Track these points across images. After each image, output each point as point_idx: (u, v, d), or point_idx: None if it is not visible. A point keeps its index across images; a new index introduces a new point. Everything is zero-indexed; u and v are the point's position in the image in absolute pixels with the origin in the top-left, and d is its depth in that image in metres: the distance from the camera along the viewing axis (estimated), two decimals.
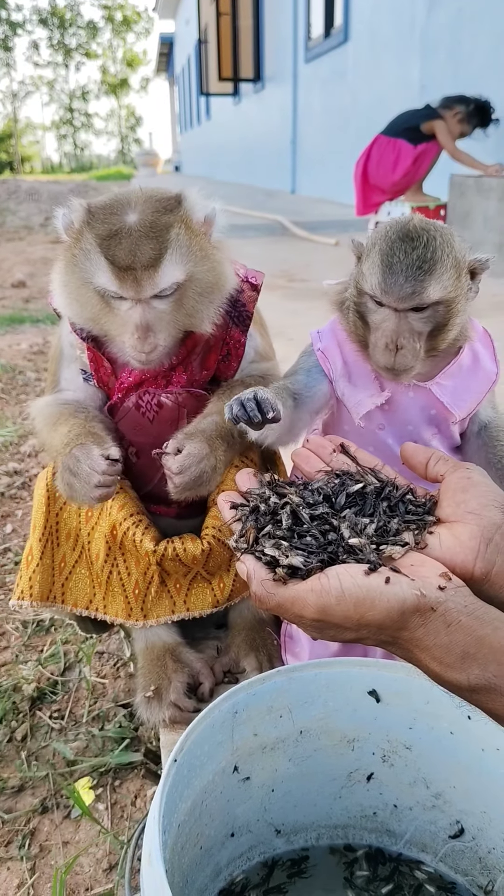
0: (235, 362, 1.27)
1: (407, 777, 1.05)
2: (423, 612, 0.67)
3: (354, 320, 1.14)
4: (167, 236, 1.08)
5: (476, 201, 5.39)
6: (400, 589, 0.68)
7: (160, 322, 1.10)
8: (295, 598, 0.70)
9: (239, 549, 0.78)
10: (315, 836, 1.10)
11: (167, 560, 1.22)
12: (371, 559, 0.73)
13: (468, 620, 0.67)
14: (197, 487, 1.17)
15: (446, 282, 1.05)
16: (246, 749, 0.99)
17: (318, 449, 0.93)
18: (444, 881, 1.04)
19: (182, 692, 1.27)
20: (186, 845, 0.92)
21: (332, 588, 0.69)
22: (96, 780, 1.38)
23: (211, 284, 1.13)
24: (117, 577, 1.25)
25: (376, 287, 1.06)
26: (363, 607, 0.68)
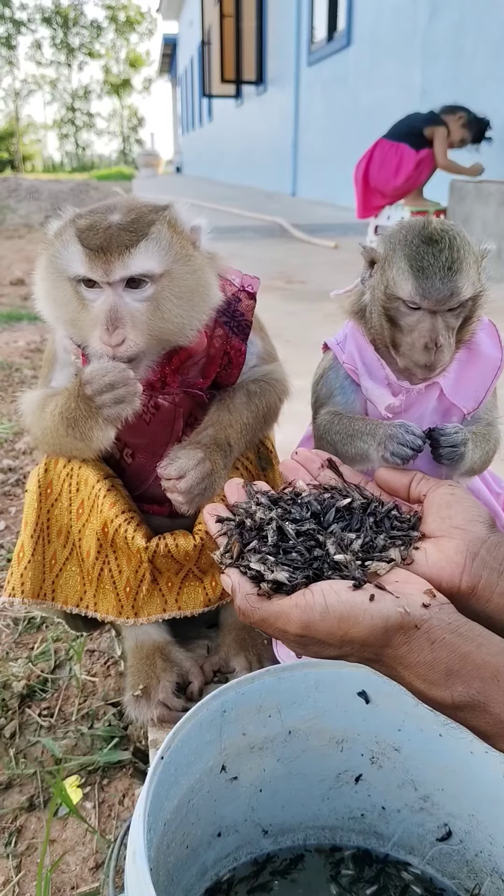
0: (236, 370, 1.27)
1: (395, 779, 1.04)
2: (407, 630, 0.68)
3: (381, 324, 1.14)
4: (147, 229, 1.08)
5: (475, 207, 5.40)
6: (384, 606, 0.69)
7: (132, 317, 1.08)
8: (279, 613, 0.71)
9: (223, 563, 0.78)
10: (302, 836, 1.10)
11: (159, 557, 1.22)
12: (356, 576, 0.74)
13: (452, 638, 0.67)
14: (202, 493, 1.17)
15: (473, 277, 1.08)
16: (234, 748, 0.98)
17: (306, 462, 0.94)
18: (432, 883, 1.03)
19: (171, 691, 1.27)
20: (172, 844, 0.91)
21: (317, 604, 0.69)
22: (84, 779, 1.37)
23: (191, 289, 1.11)
24: (108, 575, 1.25)
25: (413, 292, 1.07)
26: (347, 624, 0.68)
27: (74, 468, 1.26)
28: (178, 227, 1.12)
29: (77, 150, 50.78)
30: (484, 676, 0.65)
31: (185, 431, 1.26)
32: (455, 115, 5.55)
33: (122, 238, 1.06)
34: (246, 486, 0.89)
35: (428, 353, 1.08)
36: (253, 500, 0.85)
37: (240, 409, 1.24)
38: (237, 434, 1.22)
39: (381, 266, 1.12)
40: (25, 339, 4.46)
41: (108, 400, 1.12)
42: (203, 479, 1.15)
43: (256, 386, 1.28)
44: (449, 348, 1.09)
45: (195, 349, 1.18)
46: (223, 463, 1.19)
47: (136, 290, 1.08)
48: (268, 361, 1.32)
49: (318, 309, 4.29)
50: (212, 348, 1.22)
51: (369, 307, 1.16)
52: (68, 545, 1.28)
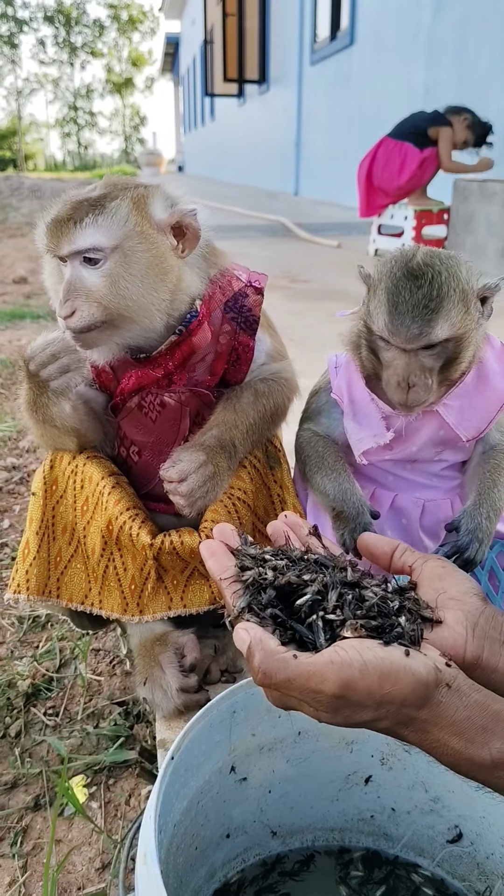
0: (245, 366, 1.26)
1: (405, 780, 1.03)
2: (441, 688, 0.66)
3: (367, 355, 1.13)
4: (105, 204, 1.08)
5: (479, 206, 5.39)
6: (420, 662, 0.66)
7: (87, 292, 1.07)
8: (311, 673, 0.63)
9: (239, 614, 0.72)
10: (311, 838, 1.09)
11: (164, 554, 1.21)
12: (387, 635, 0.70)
13: (479, 697, 0.66)
14: (204, 496, 1.16)
15: (454, 318, 1.03)
16: (243, 749, 0.97)
17: (294, 527, 0.91)
18: (444, 885, 1.02)
19: (174, 666, 1.24)
20: (182, 846, 0.91)
21: (354, 660, 0.64)
22: (90, 779, 1.36)
23: (146, 267, 1.09)
24: (113, 572, 1.24)
25: (383, 328, 1.05)
26: (389, 681, 0.64)
27: (79, 465, 1.25)
28: (142, 206, 1.10)
29: (79, 148, 50.78)
30: None
31: (191, 430, 1.25)
32: (460, 117, 5.54)
33: (77, 213, 1.07)
34: (241, 535, 0.84)
35: (401, 391, 1.06)
36: (259, 550, 0.80)
37: (246, 410, 1.23)
38: (242, 435, 1.21)
39: (368, 294, 1.11)
40: (28, 337, 4.45)
41: (53, 372, 1.15)
42: (205, 482, 1.14)
43: (265, 385, 1.27)
44: (425, 388, 1.06)
45: (199, 343, 1.17)
46: (227, 465, 1.18)
47: (92, 264, 1.08)
48: (277, 359, 1.31)
49: (322, 308, 4.28)
50: (219, 344, 1.21)
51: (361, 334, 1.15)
52: (73, 542, 1.27)
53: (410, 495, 1.23)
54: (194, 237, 1.13)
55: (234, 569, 0.77)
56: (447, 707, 0.65)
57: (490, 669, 0.73)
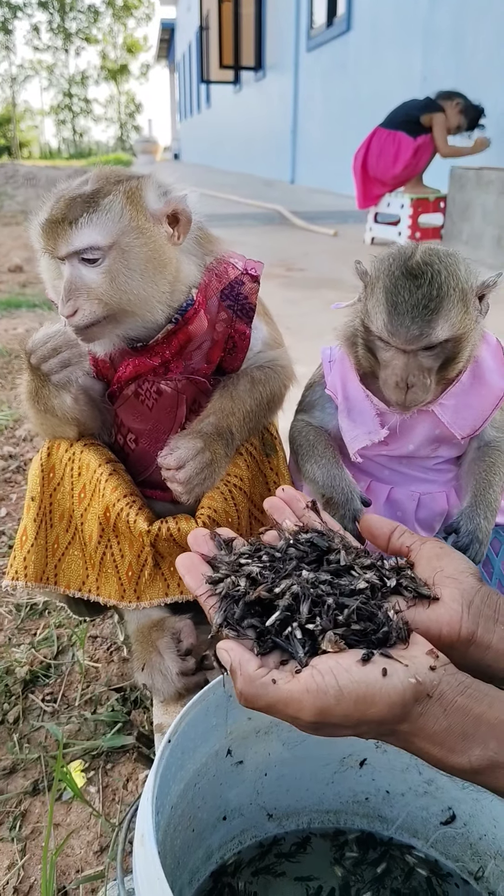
0: (241, 354, 1.26)
1: (399, 763, 1.05)
2: (421, 701, 0.66)
3: (364, 354, 1.13)
4: (99, 201, 1.08)
5: (475, 194, 5.38)
6: (398, 679, 0.66)
7: (88, 290, 1.08)
8: (289, 700, 0.65)
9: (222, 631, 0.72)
10: (307, 820, 1.10)
11: (161, 540, 1.21)
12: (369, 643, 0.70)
13: (463, 700, 0.66)
14: (202, 483, 1.17)
15: (454, 318, 1.03)
16: (240, 732, 0.99)
17: (291, 501, 0.92)
18: (437, 865, 1.04)
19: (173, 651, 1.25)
20: (179, 827, 0.92)
21: (329, 687, 0.64)
22: (88, 764, 1.38)
23: (145, 261, 1.09)
24: (111, 559, 1.25)
25: (382, 329, 1.04)
26: (364, 705, 0.64)
27: (76, 452, 1.25)
28: (136, 200, 1.10)
29: (74, 136, 50.44)
30: (499, 736, 0.64)
31: (188, 418, 1.26)
32: (452, 102, 5.52)
33: (72, 212, 1.07)
34: (215, 538, 0.84)
35: (399, 391, 1.06)
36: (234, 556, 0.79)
37: (243, 397, 1.23)
38: (239, 422, 1.22)
39: (365, 292, 1.11)
40: (25, 326, 4.44)
41: (54, 365, 1.15)
42: (202, 469, 1.15)
43: (261, 372, 1.27)
44: (424, 388, 1.06)
45: (195, 332, 1.17)
46: (224, 452, 1.19)
47: (91, 262, 1.08)
48: (273, 347, 1.31)
49: (319, 296, 4.28)
50: (215, 332, 1.21)
51: (357, 332, 1.15)
52: (70, 529, 1.27)
53: (406, 489, 1.24)
54: (188, 222, 1.14)
55: (208, 584, 0.76)
56: (427, 719, 0.66)
57: (484, 646, 0.75)
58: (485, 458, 1.19)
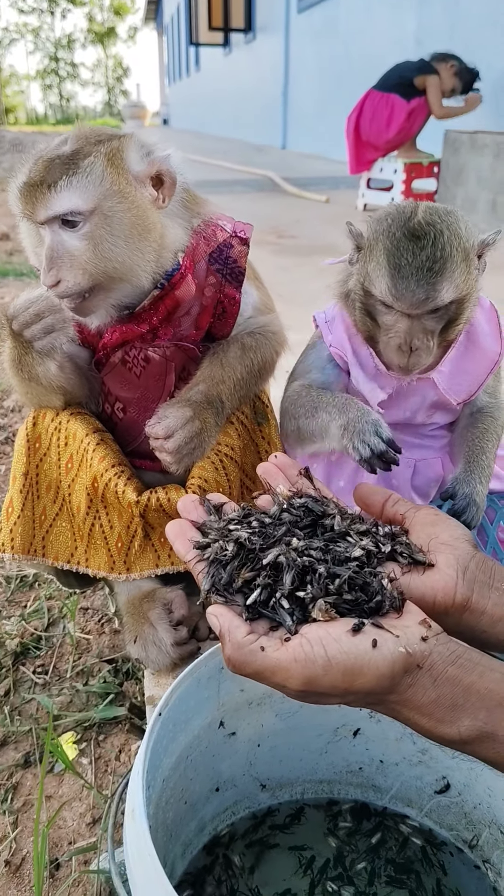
0: (231, 320, 1.23)
1: (393, 733, 1.04)
2: (411, 671, 0.65)
3: (362, 318, 1.09)
4: (79, 163, 1.03)
5: (470, 158, 5.30)
6: (388, 651, 0.65)
7: (70, 257, 1.04)
8: (276, 668, 0.64)
9: (210, 597, 0.70)
10: (300, 790, 1.09)
11: (150, 511, 1.19)
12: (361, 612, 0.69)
13: (453, 671, 0.65)
14: (191, 452, 1.14)
15: (458, 279, 1.00)
16: (232, 704, 0.97)
17: (285, 467, 0.90)
18: (432, 834, 1.04)
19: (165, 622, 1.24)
20: (171, 800, 0.91)
21: (318, 657, 0.64)
22: (80, 735, 1.37)
23: (129, 226, 1.05)
24: (99, 530, 1.22)
25: (386, 293, 1.00)
26: (352, 676, 0.64)
27: (63, 422, 1.22)
28: (118, 161, 1.05)
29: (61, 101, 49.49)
30: (489, 706, 0.64)
31: (177, 386, 1.22)
32: (447, 64, 5.41)
33: (51, 175, 1.02)
34: (204, 503, 0.82)
35: (402, 355, 1.03)
36: (223, 522, 0.77)
37: (233, 364, 1.20)
38: (230, 390, 1.19)
39: (363, 255, 1.06)
40: (11, 295, 4.37)
41: (37, 332, 1.12)
42: (191, 438, 1.12)
43: (252, 339, 1.24)
44: (427, 351, 1.03)
45: (183, 297, 1.13)
46: (214, 421, 1.16)
47: (72, 228, 1.03)
48: (264, 312, 1.28)
49: (310, 263, 4.22)
50: (204, 297, 1.17)
51: (352, 294, 1.11)
52: (58, 500, 1.25)
53: (401, 456, 1.22)
54: (172, 184, 1.09)
55: (196, 549, 0.75)
56: (416, 690, 0.65)
57: (479, 612, 0.74)
58: (477, 425, 1.17)
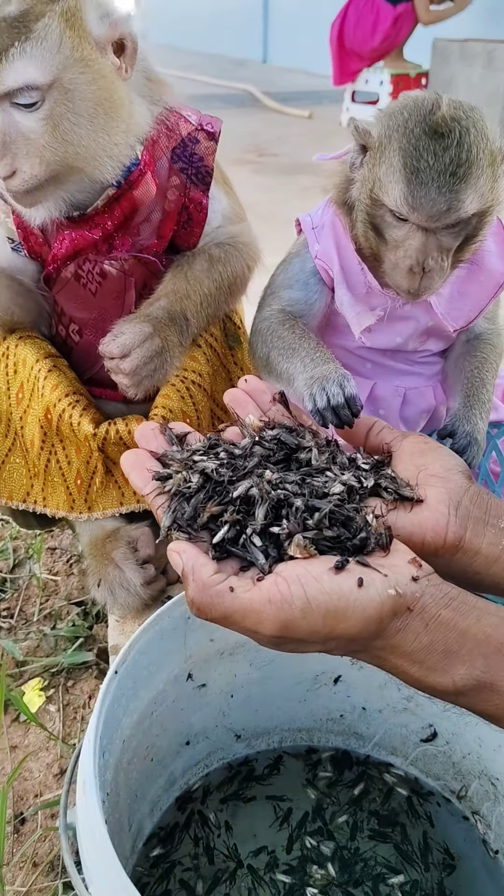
0: (197, 228, 1.09)
1: (377, 679, 0.96)
2: (400, 615, 0.57)
3: (365, 232, 0.93)
4: (30, 25, 0.86)
5: (459, 69, 5.01)
6: (375, 591, 0.56)
7: (26, 141, 0.88)
8: (248, 610, 0.55)
9: (171, 533, 0.61)
10: (278, 739, 1.03)
11: (110, 444, 1.08)
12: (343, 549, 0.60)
13: (447, 614, 0.57)
14: (152, 375, 1.02)
15: (483, 188, 0.84)
16: (201, 655, 0.89)
17: (255, 393, 0.78)
18: (418, 783, 0.97)
19: (131, 561, 1.14)
20: (134, 760, 0.83)
21: (295, 597, 0.55)
22: (48, 681, 1.29)
23: (94, 102, 0.90)
24: (56, 466, 1.11)
25: (401, 202, 0.84)
26: (335, 619, 0.55)
27: (10, 348, 1.09)
28: (76, 23, 0.89)
29: None
30: (487, 652, 0.56)
31: (137, 305, 1.09)
32: None
33: (2, 41, 0.85)
34: (166, 432, 0.71)
35: (413, 277, 0.87)
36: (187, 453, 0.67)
37: (200, 278, 1.07)
38: (196, 307, 1.06)
39: (372, 156, 0.90)
40: None
41: None
42: (151, 358, 0.99)
43: (220, 250, 1.11)
44: (441, 273, 0.88)
45: (142, 198, 0.99)
46: (178, 340, 1.03)
47: (27, 107, 0.87)
48: (234, 222, 1.14)
49: (292, 182, 4.01)
50: (166, 201, 1.04)
51: (356, 204, 0.95)
52: (10, 435, 1.13)
53: (390, 383, 1.09)
54: (134, 51, 0.93)
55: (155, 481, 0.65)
56: (405, 636, 0.57)
57: (472, 552, 0.65)
58: (475, 353, 1.05)
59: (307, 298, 1.02)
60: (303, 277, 1.02)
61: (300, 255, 1.03)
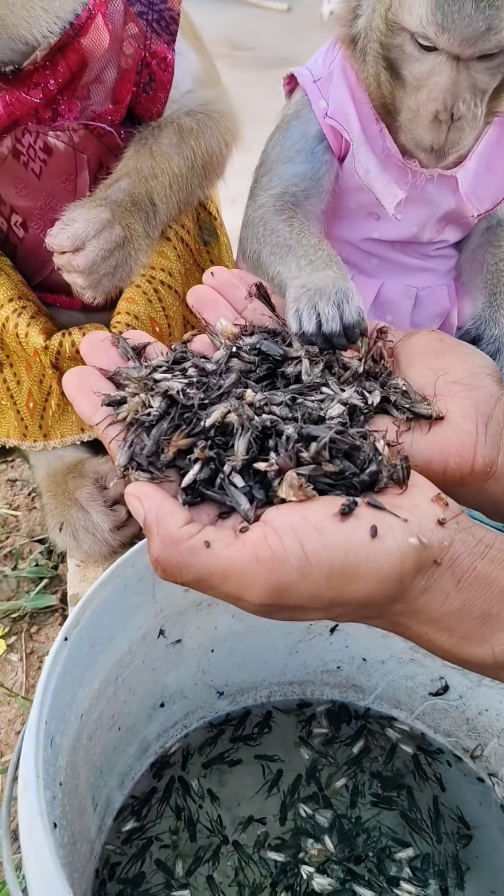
0: (162, 92, 0.89)
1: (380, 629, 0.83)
2: (425, 570, 0.43)
3: (378, 73, 0.73)
4: None
5: None
6: (393, 542, 0.42)
7: None
8: (229, 572, 0.42)
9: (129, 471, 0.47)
10: (266, 693, 0.90)
11: (65, 360, 0.91)
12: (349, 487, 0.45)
13: (485, 567, 0.43)
14: (113, 273, 0.83)
15: None
16: (174, 608, 0.75)
17: (226, 289, 0.61)
18: (425, 739, 0.86)
19: (99, 504, 0.99)
20: (97, 733, 0.70)
21: (290, 553, 0.41)
22: (9, 628, 1.17)
23: None
24: (3, 387, 0.95)
25: (427, 20, 0.64)
26: (342, 580, 0.41)
27: None
28: None
29: None
30: None
31: (93, 190, 0.90)
32: None
33: None
34: (117, 342, 0.55)
35: (438, 128, 0.68)
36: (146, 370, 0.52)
37: (168, 154, 0.88)
38: (164, 188, 0.87)
39: None
40: None
41: None
42: (111, 251, 0.80)
43: (192, 120, 0.91)
44: (473, 123, 0.69)
45: (91, 49, 0.79)
46: (144, 230, 0.85)
47: None
48: (207, 85, 0.94)
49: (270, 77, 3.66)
50: (123, 56, 0.83)
51: (365, 38, 0.75)
52: None
53: (400, 283, 0.91)
54: None
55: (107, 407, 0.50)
56: (432, 597, 0.44)
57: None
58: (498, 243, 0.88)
59: (314, 172, 0.83)
60: (306, 146, 0.83)
61: (300, 117, 0.84)
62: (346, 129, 0.81)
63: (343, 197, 0.86)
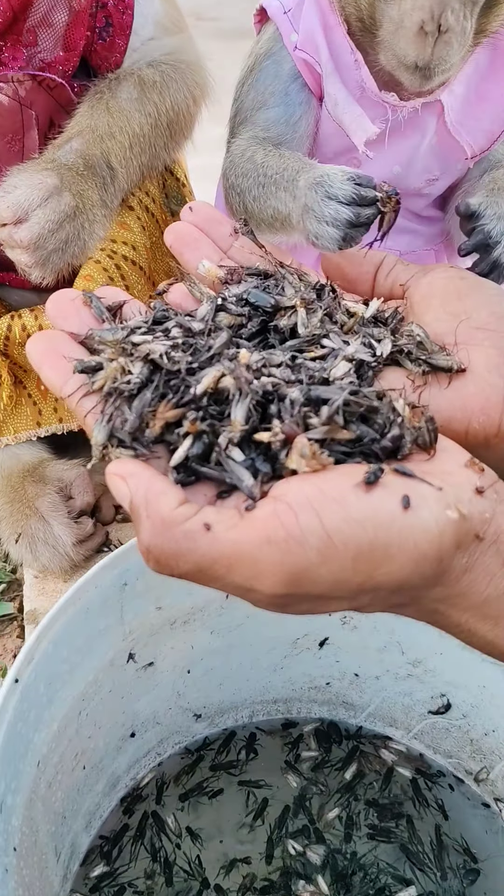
0: (121, 39, 0.78)
1: (375, 642, 0.75)
2: (466, 547, 0.35)
3: None
4: None
5: None
6: (429, 514, 0.34)
7: None
8: (236, 558, 0.33)
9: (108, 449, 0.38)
10: (248, 713, 0.82)
11: (15, 346, 0.81)
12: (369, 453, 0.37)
13: None
14: (63, 248, 0.73)
15: None
16: (145, 629, 0.66)
17: (208, 225, 0.52)
18: (423, 761, 0.79)
19: (62, 514, 0.89)
20: (56, 778, 0.60)
21: (308, 531, 0.33)
22: None
23: None
24: None
25: None
26: (371, 561, 0.33)
27: None
28: None
29: None
30: None
31: (43, 151, 0.80)
32: None
33: None
34: (91, 301, 0.46)
35: (423, 41, 0.59)
36: (124, 331, 0.43)
37: (128, 110, 0.78)
38: (123, 150, 0.77)
39: None
40: None
41: None
42: (60, 223, 0.70)
43: (155, 72, 0.81)
44: (461, 38, 0.60)
45: None
46: (100, 198, 0.75)
47: None
48: (172, 32, 0.84)
49: (236, 49, 3.54)
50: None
51: None
52: None
53: (383, 244, 0.83)
54: None
55: (80, 375, 0.40)
56: (476, 577, 0.36)
57: None
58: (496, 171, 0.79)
59: (289, 116, 0.74)
60: (280, 86, 0.74)
61: (272, 55, 0.75)
62: (316, 60, 0.72)
63: (323, 144, 0.77)
